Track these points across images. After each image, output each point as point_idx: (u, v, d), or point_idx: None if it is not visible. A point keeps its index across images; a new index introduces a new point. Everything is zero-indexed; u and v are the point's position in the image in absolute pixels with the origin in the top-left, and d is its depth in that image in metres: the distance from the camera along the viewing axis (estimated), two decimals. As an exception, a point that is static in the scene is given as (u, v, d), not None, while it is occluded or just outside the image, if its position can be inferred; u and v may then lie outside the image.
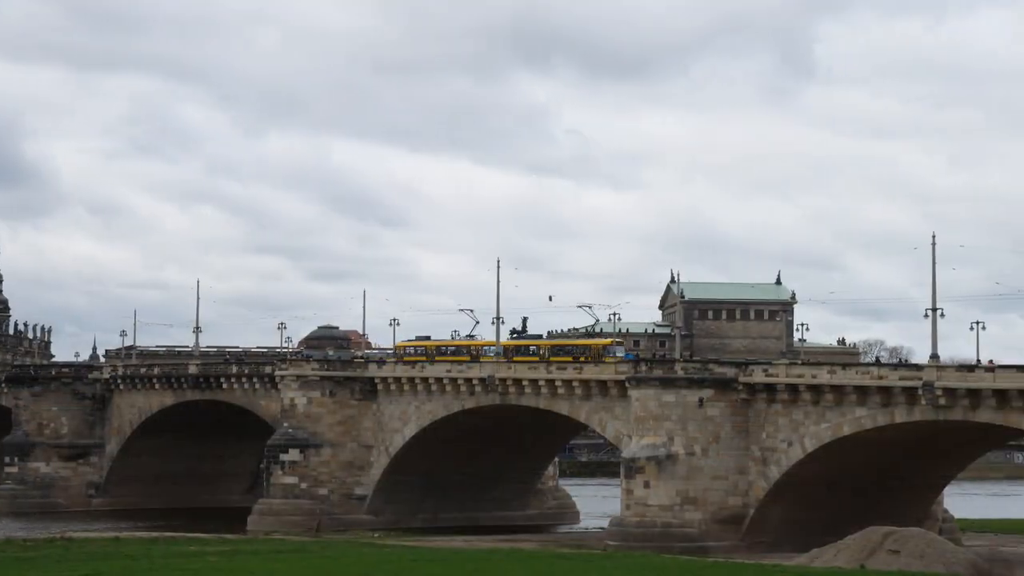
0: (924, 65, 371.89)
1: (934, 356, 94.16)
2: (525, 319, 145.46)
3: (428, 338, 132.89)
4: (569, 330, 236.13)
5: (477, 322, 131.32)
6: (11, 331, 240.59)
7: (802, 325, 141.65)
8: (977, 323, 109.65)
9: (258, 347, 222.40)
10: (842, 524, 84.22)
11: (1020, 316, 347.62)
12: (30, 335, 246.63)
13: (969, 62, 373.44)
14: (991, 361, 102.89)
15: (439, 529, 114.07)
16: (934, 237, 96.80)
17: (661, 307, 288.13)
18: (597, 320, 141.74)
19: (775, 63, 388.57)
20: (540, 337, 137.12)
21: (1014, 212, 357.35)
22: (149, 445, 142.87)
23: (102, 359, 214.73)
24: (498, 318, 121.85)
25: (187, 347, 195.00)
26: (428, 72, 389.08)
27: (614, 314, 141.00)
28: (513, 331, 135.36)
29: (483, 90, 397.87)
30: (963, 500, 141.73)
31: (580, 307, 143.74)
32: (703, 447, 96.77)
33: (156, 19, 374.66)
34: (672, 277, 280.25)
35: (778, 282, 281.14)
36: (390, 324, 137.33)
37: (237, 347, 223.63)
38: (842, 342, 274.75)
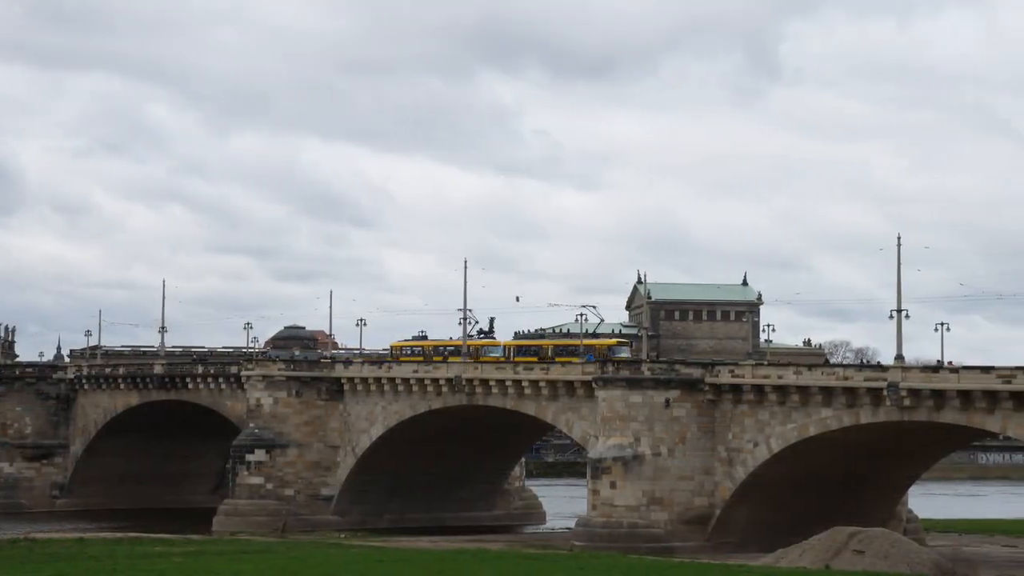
0: (891, 67, 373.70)
1: (899, 357, 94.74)
2: (492, 319, 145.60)
3: (425, 337, 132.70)
4: (536, 330, 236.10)
5: (476, 322, 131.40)
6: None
7: (768, 326, 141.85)
8: (942, 324, 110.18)
9: (224, 347, 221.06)
10: (807, 524, 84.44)
11: (984, 318, 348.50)
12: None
13: (936, 64, 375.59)
14: (950, 362, 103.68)
15: (405, 530, 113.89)
16: (899, 239, 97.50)
17: (628, 307, 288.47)
18: (602, 320, 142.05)
19: (742, 64, 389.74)
20: (544, 336, 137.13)
21: (980, 214, 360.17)
22: (114, 445, 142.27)
23: (67, 359, 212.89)
24: (465, 319, 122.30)
25: (153, 347, 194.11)
26: (396, 72, 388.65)
27: (581, 315, 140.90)
28: (480, 331, 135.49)
29: (451, 90, 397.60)
30: (927, 500, 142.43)
31: (584, 307, 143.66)
32: (669, 448, 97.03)
33: (122, 18, 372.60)
34: (639, 278, 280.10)
35: (744, 283, 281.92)
36: (357, 324, 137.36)
37: (203, 347, 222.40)
38: (808, 343, 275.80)
